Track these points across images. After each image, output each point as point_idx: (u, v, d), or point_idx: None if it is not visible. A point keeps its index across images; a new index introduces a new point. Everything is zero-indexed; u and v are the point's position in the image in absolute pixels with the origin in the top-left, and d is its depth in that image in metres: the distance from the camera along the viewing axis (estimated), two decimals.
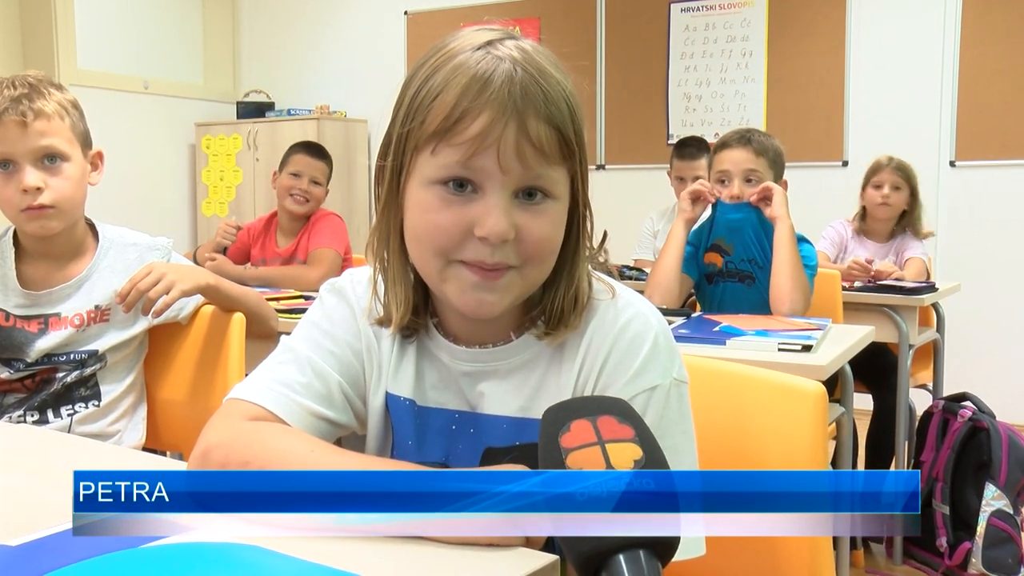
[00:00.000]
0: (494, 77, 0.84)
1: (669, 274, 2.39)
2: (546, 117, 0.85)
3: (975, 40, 4.27)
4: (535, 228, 0.87)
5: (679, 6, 4.92)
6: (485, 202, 0.85)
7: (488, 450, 0.95)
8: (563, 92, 0.87)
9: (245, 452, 0.83)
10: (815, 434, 1.11)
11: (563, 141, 0.87)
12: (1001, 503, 2.55)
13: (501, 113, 0.83)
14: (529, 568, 0.68)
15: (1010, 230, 4.27)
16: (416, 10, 5.66)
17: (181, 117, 5.91)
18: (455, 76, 0.85)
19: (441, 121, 0.84)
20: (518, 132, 0.84)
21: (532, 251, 0.88)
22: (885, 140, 4.44)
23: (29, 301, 1.64)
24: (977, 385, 3.05)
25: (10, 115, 1.54)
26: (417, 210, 0.88)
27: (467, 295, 0.88)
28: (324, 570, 0.65)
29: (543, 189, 0.87)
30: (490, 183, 0.85)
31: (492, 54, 0.86)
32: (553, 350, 0.95)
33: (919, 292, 2.79)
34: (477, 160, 0.84)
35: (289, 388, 0.93)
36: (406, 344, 0.98)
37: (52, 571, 0.65)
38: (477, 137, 0.83)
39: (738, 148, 2.41)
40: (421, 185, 0.88)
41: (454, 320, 0.97)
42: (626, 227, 3.83)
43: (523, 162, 0.84)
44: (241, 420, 0.89)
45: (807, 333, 1.88)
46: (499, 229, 0.84)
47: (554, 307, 0.93)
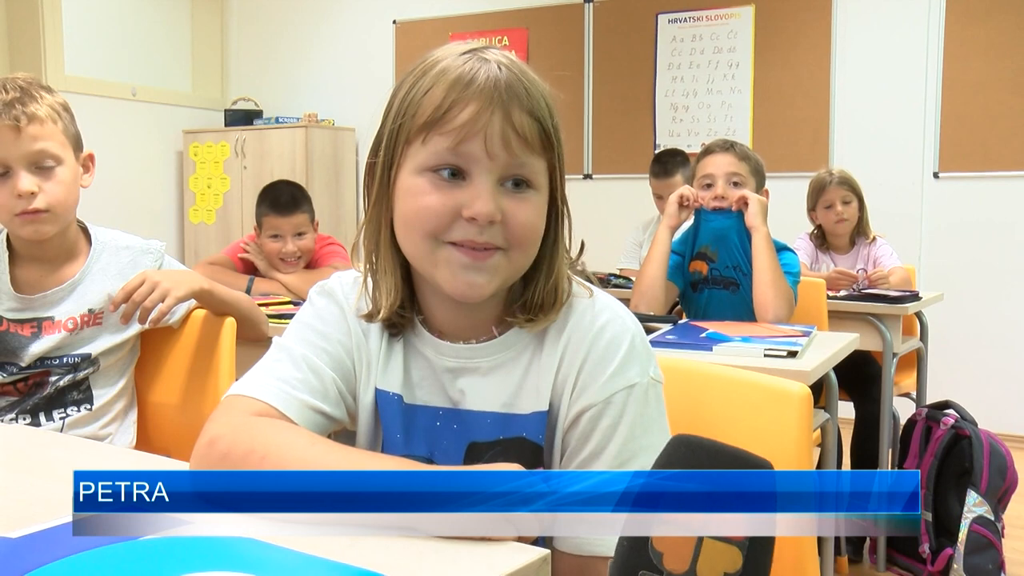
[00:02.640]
0: (480, 74, 0.91)
1: (654, 282, 2.41)
2: (528, 110, 0.92)
3: (958, 53, 4.32)
4: (520, 213, 0.93)
5: (666, 17, 4.96)
6: (473, 186, 0.91)
7: (472, 445, 0.98)
8: (542, 92, 0.95)
9: (250, 441, 0.85)
10: (800, 436, 1.13)
11: (544, 133, 0.93)
12: (982, 510, 2.58)
13: (487, 103, 0.90)
14: (521, 562, 0.69)
15: (992, 240, 4.32)
16: (405, 19, 5.67)
17: (169, 124, 5.90)
18: (444, 75, 0.92)
19: (431, 112, 0.91)
20: (503, 121, 0.90)
21: (518, 235, 0.93)
22: (869, 151, 4.49)
23: (22, 305, 1.64)
24: (959, 393, 3.08)
25: (3, 120, 1.54)
26: (408, 196, 0.93)
27: (457, 277, 0.93)
28: (320, 562, 0.66)
29: (526, 178, 0.93)
30: (477, 168, 0.91)
31: (477, 56, 0.93)
32: (533, 348, 0.99)
33: (903, 301, 2.83)
34: (465, 146, 0.90)
35: (287, 383, 0.95)
36: (393, 341, 1.01)
37: (52, 562, 0.66)
38: (465, 125, 0.90)
39: (722, 153, 2.45)
40: (412, 173, 0.93)
41: (439, 314, 1.01)
42: (613, 236, 3.86)
43: (508, 149, 0.91)
44: (243, 413, 0.91)
45: (793, 339, 1.90)
46: (487, 209, 0.90)
47: (535, 299, 0.98)
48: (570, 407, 0.96)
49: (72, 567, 0.65)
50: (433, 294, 1.00)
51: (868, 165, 4.27)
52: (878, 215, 3.62)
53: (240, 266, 2.95)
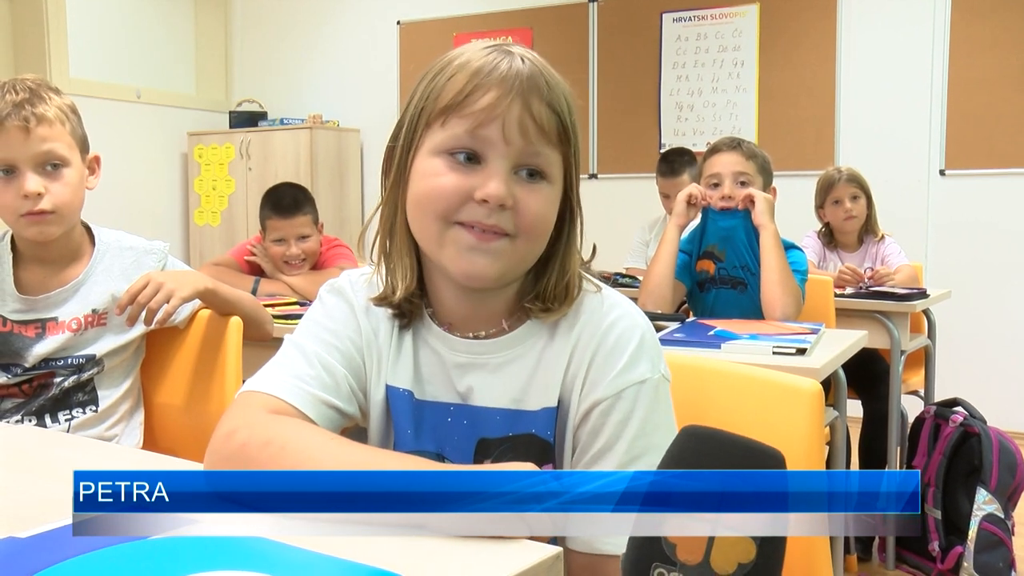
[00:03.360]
0: (503, 64, 0.93)
1: (662, 280, 2.40)
2: (548, 101, 0.94)
3: (963, 50, 4.31)
4: (531, 201, 0.94)
5: (671, 16, 4.95)
6: (487, 169, 0.92)
7: (481, 441, 0.98)
8: (563, 88, 0.96)
9: (267, 433, 0.85)
10: (811, 432, 1.12)
11: (561, 126, 0.94)
12: (992, 507, 2.56)
13: (508, 91, 0.91)
14: (534, 560, 0.69)
15: (999, 237, 4.30)
16: (409, 20, 5.67)
17: (173, 126, 5.91)
18: (468, 64, 0.93)
19: (453, 96, 0.92)
20: (522, 109, 0.92)
21: (527, 222, 0.94)
22: (875, 149, 4.48)
23: (26, 306, 1.64)
24: (967, 391, 3.07)
25: (12, 120, 1.54)
26: (422, 176, 0.95)
27: (462, 257, 0.93)
28: (334, 561, 0.66)
29: (540, 169, 0.94)
30: (493, 152, 0.92)
31: (501, 50, 0.94)
32: (543, 344, 0.99)
33: (911, 299, 2.82)
34: (483, 130, 0.91)
35: (300, 379, 0.96)
36: (403, 335, 1.02)
37: (60, 562, 0.65)
38: (485, 109, 0.91)
39: (729, 152, 2.44)
40: (429, 154, 0.94)
41: (449, 304, 1.01)
42: (618, 236, 3.84)
43: (525, 136, 0.92)
44: (260, 408, 0.92)
45: (801, 337, 1.89)
46: (499, 192, 0.91)
47: (547, 292, 0.98)
48: (580, 402, 0.96)
49: (81, 567, 0.64)
50: (443, 283, 1.00)
51: (874, 163, 4.26)
52: (885, 213, 3.61)
53: (245, 267, 2.94)
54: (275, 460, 0.82)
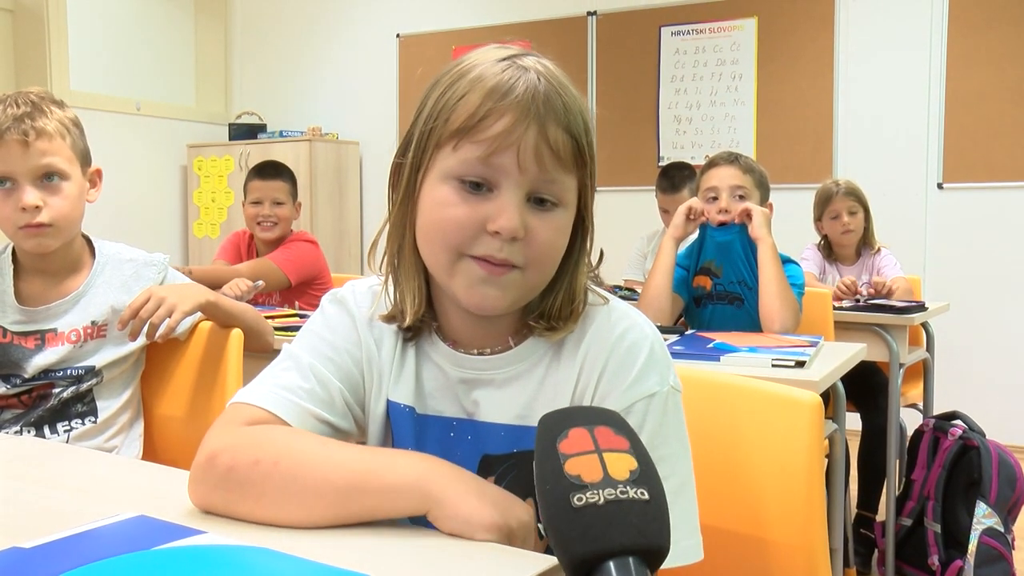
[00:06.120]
0: (518, 84, 0.88)
1: (660, 292, 2.41)
2: (565, 125, 0.90)
3: (961, 64, 4.33)
4: (543, 232, 0.91)
5: (669, 29, 4.97)
6: (500, 199, 0.89)
7: (485, 457, 0.97)
8: (580, 106, 0.92)
9: (254, 451, 0.83)
10: (811, 445, 1.12)
11: (578, 150, 0.91)
12: (992, 521, 2.56)
13: (523, 116, 0.87)
14: (533, 571, 0.69)
15: (997, 250, 4.31)
16: (408, 33, 5.69)
17: (173, 138, 5.92)
18: (481, 81, 0.89)
19: (466, 119, 0.88)
20: (538, 135, 0.88)
21: (537, 253, 0.91)
22: (873, 162, 4.50)
23: (26, 317, 1.64)
24: (966, 404, 3.07)
25: (12, 134, 1.55)
26: (433, 204, 0.91)
27: (473, 289, 0.91)
28: (333, 571, 0.66)
29: (554, 195, 0.91)
30: (507, 181, 0.89)
31: (516, 64, 0.90)
32: (549, 359, 0.97)
33: (909, 311, 2.82)
34: (497, 158, 0.88)
35: (292, 393, 0.94)
36: (406, 349, 1.00)
37: (65, 572, 0.65)
38: (499, 135, 0.87)
39: (726, 166, 2.45)
40: (439, 180, 0.91)
41: (455, 323, 0.99)
42: (617, 248, 3.83)
43: (540, 164, 0.88)
44: (243, 424, 0.89)
45: (800, 349, 1.90)
46: (512, 224, 0.88)
47: (552, 309, 0.96)
48: None
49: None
50: (451, 304, 0.98)
51: (872, 176, 4.27)
52: (883, 226, 3.62)
53: (232, 256, 3.26)
54: (270, 478, 0.80)
